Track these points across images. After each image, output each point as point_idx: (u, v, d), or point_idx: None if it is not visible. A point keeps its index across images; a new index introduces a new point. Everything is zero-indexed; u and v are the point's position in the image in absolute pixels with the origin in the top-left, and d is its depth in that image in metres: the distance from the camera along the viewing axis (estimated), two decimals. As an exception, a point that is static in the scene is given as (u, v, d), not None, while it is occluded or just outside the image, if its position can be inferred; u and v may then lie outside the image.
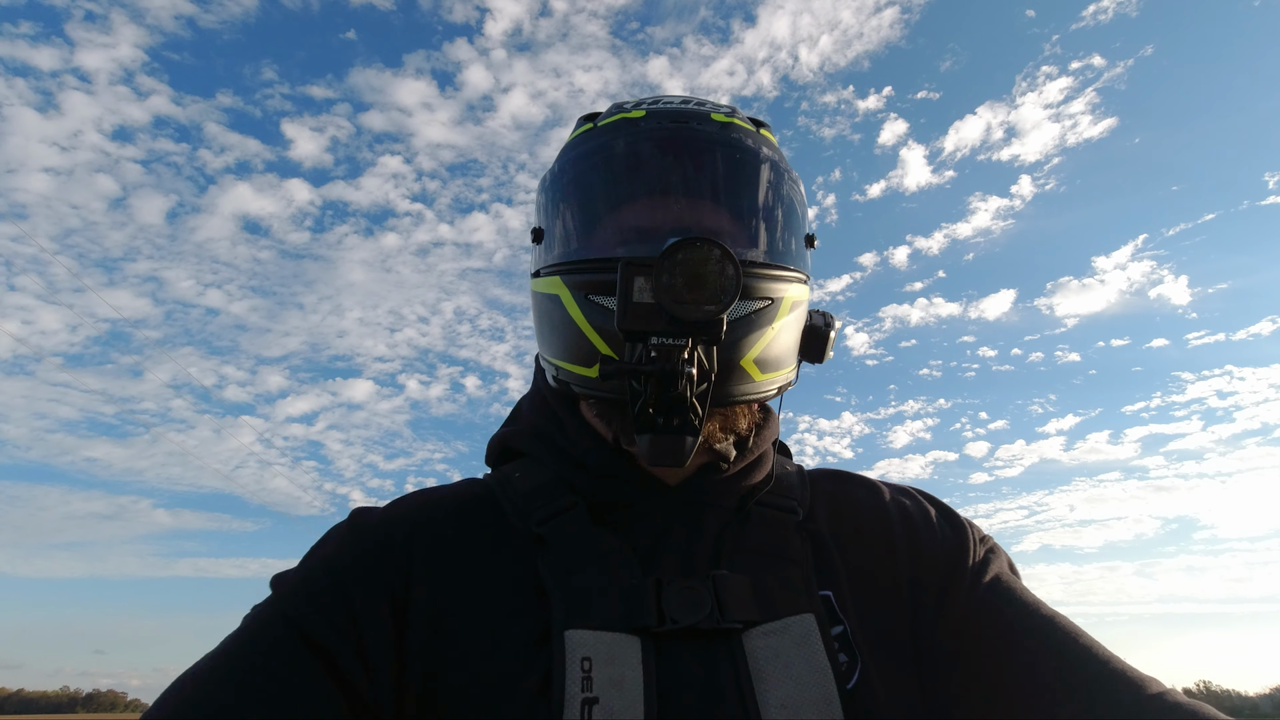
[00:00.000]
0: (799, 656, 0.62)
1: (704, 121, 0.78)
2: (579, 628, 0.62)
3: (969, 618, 0.70)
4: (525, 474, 0.77)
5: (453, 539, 0.71)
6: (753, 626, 0.64)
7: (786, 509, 0.76)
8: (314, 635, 0.62)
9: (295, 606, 0.64)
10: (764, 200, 0.79)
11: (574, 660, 0.60)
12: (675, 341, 0.63)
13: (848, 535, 0.77)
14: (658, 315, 0.64)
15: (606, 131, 0.80)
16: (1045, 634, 0.66)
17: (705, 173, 0.77)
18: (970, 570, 0.74)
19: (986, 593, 0.72)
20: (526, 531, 0.71)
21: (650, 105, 0.81)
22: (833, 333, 0.85)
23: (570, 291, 0.74)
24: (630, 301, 0.65)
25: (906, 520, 0.79)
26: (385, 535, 0.71)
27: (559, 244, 0.80)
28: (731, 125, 0.79)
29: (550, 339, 0.78)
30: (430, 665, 0.63)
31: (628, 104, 0.84)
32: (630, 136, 0.78)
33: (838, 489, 0.83)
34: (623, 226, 0.76)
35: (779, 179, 0.80)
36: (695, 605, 0.64)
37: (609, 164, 0.79)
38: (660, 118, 0.79)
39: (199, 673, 0.61)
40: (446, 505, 0.75)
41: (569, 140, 0.87)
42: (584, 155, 0.81)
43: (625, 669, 0.60)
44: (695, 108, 0.81)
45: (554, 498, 0.73)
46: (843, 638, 0.67)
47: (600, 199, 0.79)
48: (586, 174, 0.80)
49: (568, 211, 0.80)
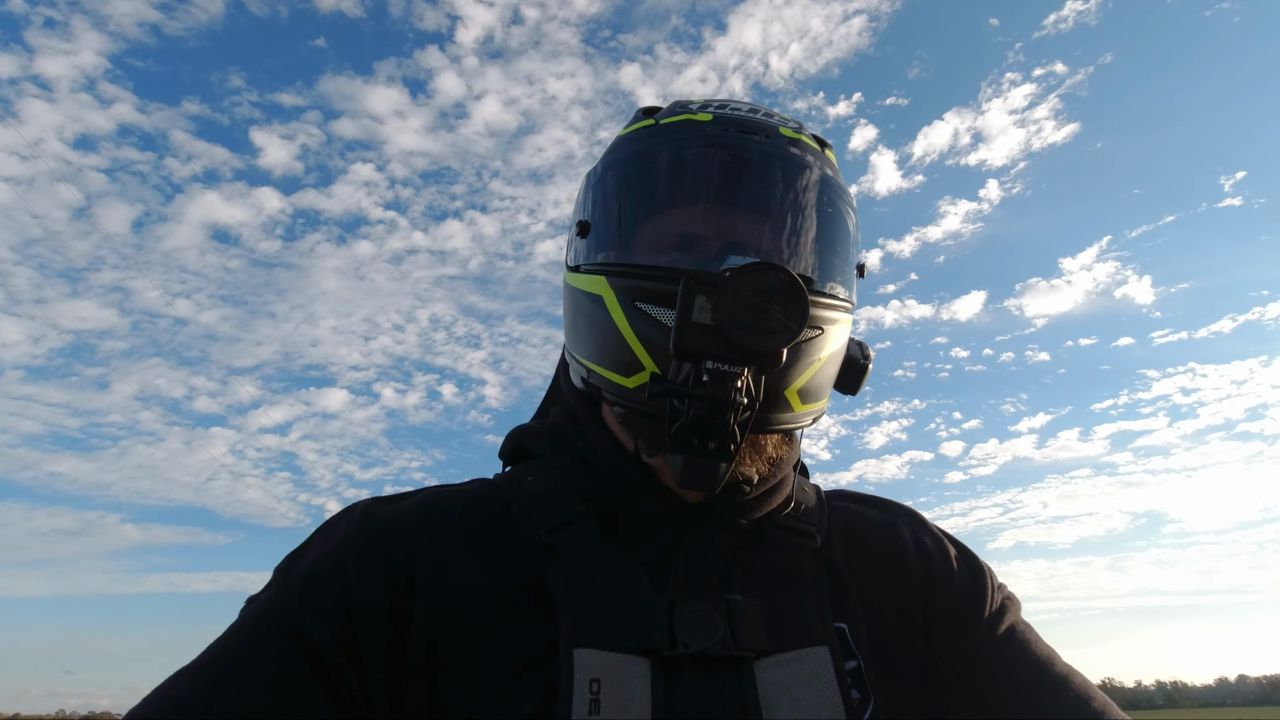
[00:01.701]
0: (811, 691, 0.60)
1: (773, 135, 0.75)
2: (588, 646, 0.59)
3: (982, 664, 0.69)
4: (537, 478, 0.74)
5: (460, 544, 0.68)
6: (765, 656, 0.62)
7: (804, 534, 0.74)
8: (310, 637, 0.60)
9: (293, 605, 0.62)
10: (825, 225, 0.75)
11: (582, 681, 0.57)
12: (732, 369, 0.61)
13: (864, 566, 0.75)
14: (717, 339, 0.61)
15: (669, 131, 0.76)
16: (1059, 691, 0.66)
17: (770, 190, 0.73)
18: (987, 617, 0.73)
19: (1002, 641, 0.71)
20: (535, 539, 0.68)
21: (718, 110, 0.77)
22: (870, 365, 0.82)
23: (616, 295, 0.70)
24: (690, 321, 0.61)
25: (925, 558, 0.77)
26: (391, 536, 0.67)
27: (607, 242, 0.75)
28: (799, 143, 0.76)
29: (586, 340, 0.75)
30: (429, 673, 0.61)
31: (693, 104, 0.80)
32: (696, 140, 0.74)
33: (856, 516, 0.81)
34: (679, 234, 0.72)
35: (841, 205, 0.77)
36: (708, 630, 0.61)
37: (671, 165, 0.74)
38: (728, 124, 0.74)
39: (192, 670, 0.59)
40: (455, 507, 0.72)
41: (624, 133, 0.82)
42: (643, 153, 0.76)
43: (633, 692, 0.58)
44: (764, 119, 0.77)
45: (566, 505, 0.70)
46: (856, 673, 0.65)
47: (657, 201, 0.74)
48: (645, 173, 0.75)
49: (620, 209, 0.76)
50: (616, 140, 0.83)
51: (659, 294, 0.67)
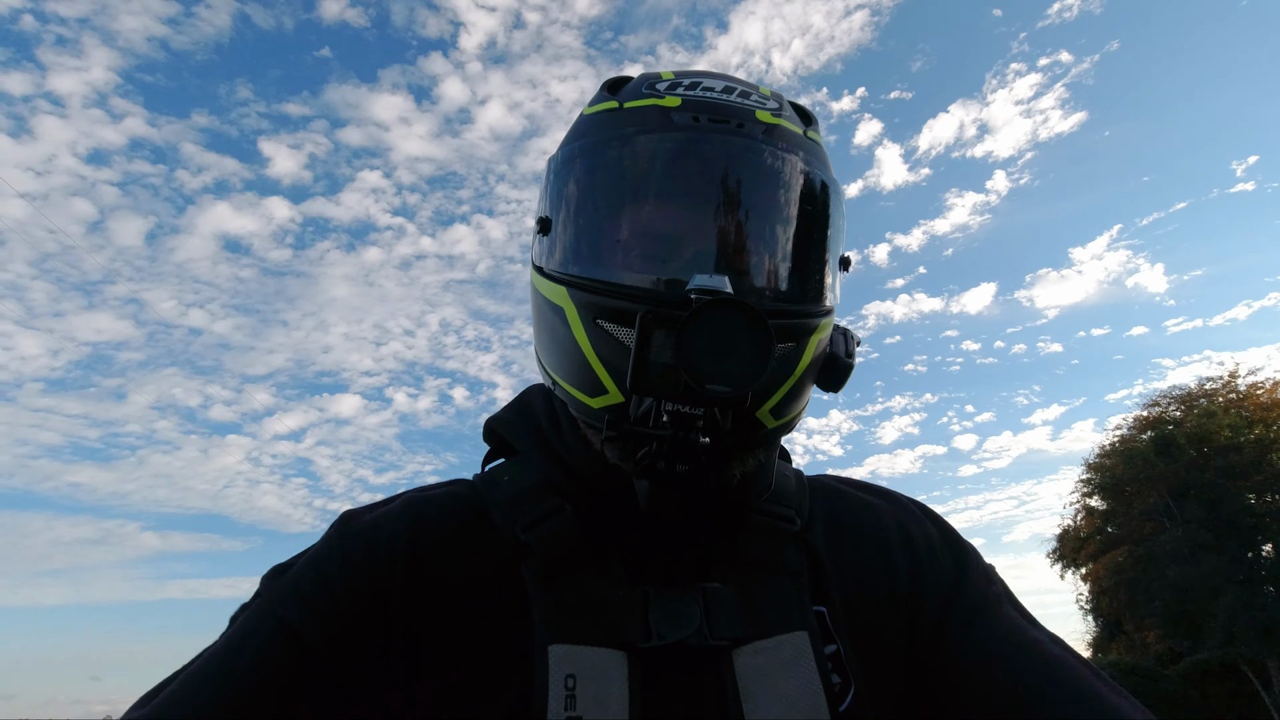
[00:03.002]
0: (790, 677, 0.60)
1: (748, 121, 0.67)
2: (562, 641, 0.59)
3: (969, 645, 0.67)
4: (513, 476, 0.73)
5: (438, 544, 0.68)
6: (742, 643, 0.61)
7: (783, 518, 0.72)
8: (303, 635, 0.60)
9: (285, 606, 0.63)
10: (802, 230, 0.68)
11: (557, 677, 0.57)
12: (693, 410, 0.57)
13: (845, 550, 0.73)
14: (676, 381, 0.57)
15: (633, 119, 0.68)
16: (1050, 670, 0.63)
17: (741, 194, 0.66)
18: (973, 598, 0.71)
19: (989, 622, 0.68)
20: (512, 537, 0.67)
21: (687, 91, 0.69)
22: (853, 363, 0.74)
23: (578, 310, 0.65)
24: (647, 359, 0.58)
25: (907, 540, 0.75)
26: (373, 539, 0.68)
27: (567, 247, 0.69)
28: (778, 130, 0.68)
29: (552, 352, 0.71)
30: (411, 672, 0.61)
31: (661, 83, 0.71)
32: (661, 133, 0.66)
33: (837, 499, 0.79)
34: (641, 244, 0.66)
35: (823, 199, 0.70)
36: (683, 621, 0.61)
37: (632, 164, 0.67)
38: (699, 111, 0.67)
39: (190, 671, 0.60)
40: (433, 509, 0.72)
41: (587, 113, 0.74)
42: (602, 144, 0.69)
43: (610, 687, 0.58)
44: (739, 102, 0.68)
45: (540, 502, 0.69)
46: (836, 658, 0.64)
47: (617, 205, 0.68)
48: (604, 170, 0.68)
49: (579, 211, 0.69)
50: (578, 121, 0.75)
51: (621, 313, 0.62)
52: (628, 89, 0.73)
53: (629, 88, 0.74)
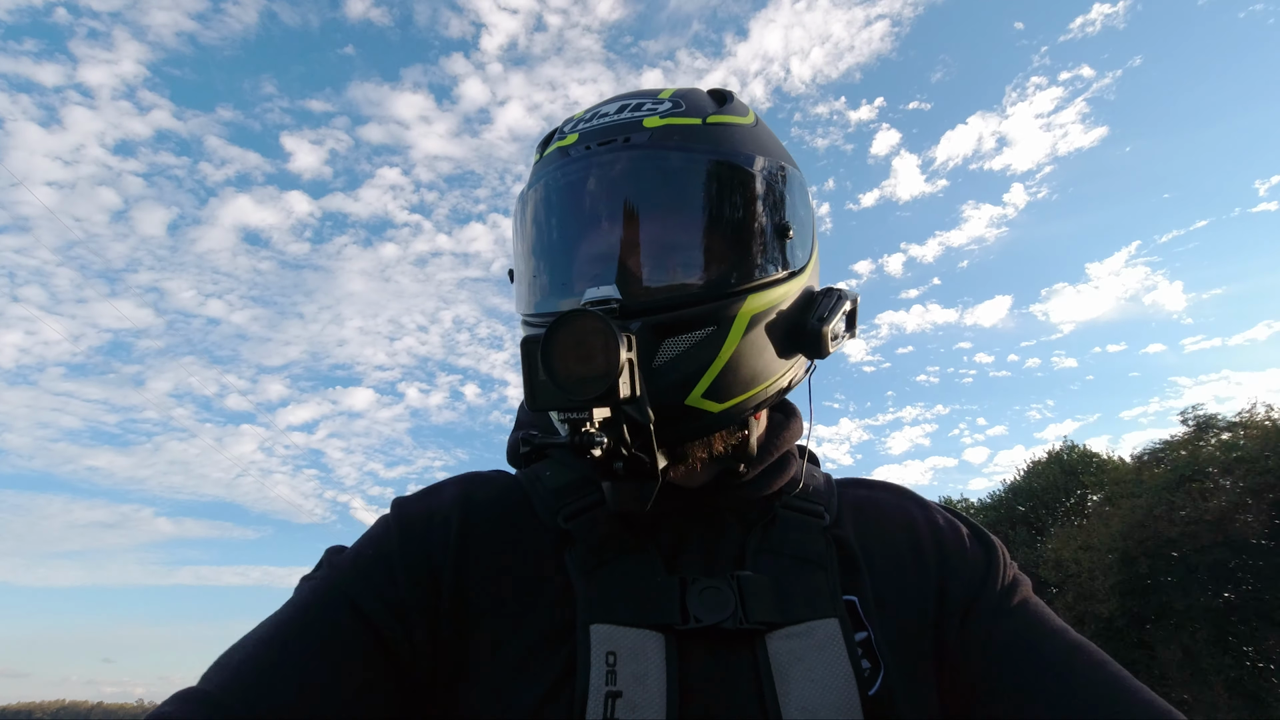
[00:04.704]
0: (821, 660, 0.63)
1: (635, 133, 0.72)
2: (604, 622, 0.63)
3: (994, 637, 0.70)
4: (554, 473, 0.78)
5: (488, 530, 0.73)
6: (775, 628, 0.64)
7: (813, 513, 0.76)
8: (364, 609, 0.64)
9: (347, 580, 0.67)
10: (696, 217, 0.70)
11: (599, 654, 0.61)
12: (579, 415, 0.61)
13: (874, 543, 0.76)
14: (556, 394, 0.61)
15: (543, 166, 0.77)
16: (1073, 662, 0.66)
17: (622, 203, 0.71)
18: (999, 590, 0.73)
19: (1014, 614, 0.71)
20: (554, 527, 0.72)
21: (585, 124, 0.76)
22: (824, 326, 0.73)
23: (521, 347, 0.67)
24: (536, 380, 0.62)
25: (936, 533, 0.78)
26: (427, 521, 0.72)
27: (517, 293, 0.81)
28: (665, 129, 0.72)
29: None
30: (460, 648, 0.65)
31: (567, 124, 0.79)
32: (553, 176, 0.74)
33: (866, 497, 0.83)
34: (548, 276, 0.76)
35: (727, 179, 0.71)
36: (719, 605, 0.64)
37: (537, 211, 0.77)
38: (590, 139, 0.73)
39: (259, 638, 0.63)
40: (484, 496, 0.77)
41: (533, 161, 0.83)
42: (521, 197, 0.80)
43: (648, 665, 0.61)
44: (628, 116, 0.74)
45: (582, 495, 0.74)
46: (866, 644, 0.67)
47: (534, 248, 0.78)
48: (521, 219, 0.79)
49: (515, 258, 0.82)
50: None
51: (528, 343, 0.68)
52: (551, 134, 0.81)
53: (552, 133, 0.81)
